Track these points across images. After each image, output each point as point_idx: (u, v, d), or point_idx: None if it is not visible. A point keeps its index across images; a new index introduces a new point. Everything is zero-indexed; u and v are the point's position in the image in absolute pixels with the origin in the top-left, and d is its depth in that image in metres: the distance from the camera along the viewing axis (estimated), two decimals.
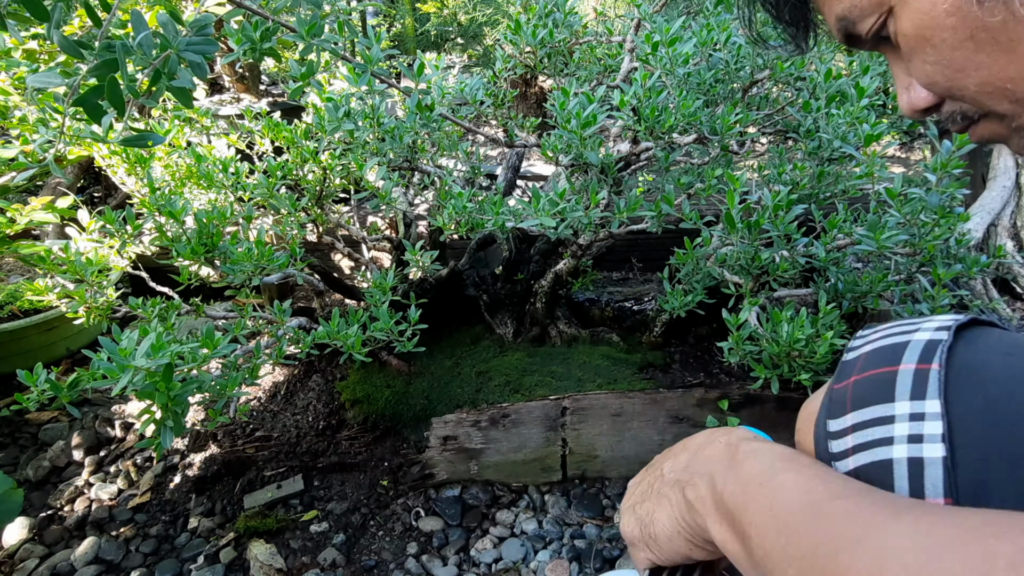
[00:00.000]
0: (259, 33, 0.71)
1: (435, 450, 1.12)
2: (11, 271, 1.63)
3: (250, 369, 0.91)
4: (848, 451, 0.41)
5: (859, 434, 0.41)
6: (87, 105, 0.58)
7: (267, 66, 2.30)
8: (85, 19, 1.17)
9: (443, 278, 1.26)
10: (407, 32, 3.34)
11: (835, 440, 0.43)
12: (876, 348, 0.45)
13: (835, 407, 0.44)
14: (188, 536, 1.08)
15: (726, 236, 0.94)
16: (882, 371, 0.43)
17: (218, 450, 1.20)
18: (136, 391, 0.67)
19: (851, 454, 0.41)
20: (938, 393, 0.39)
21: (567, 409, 1.10)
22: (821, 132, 1.05)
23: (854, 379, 0.44)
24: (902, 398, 0.41)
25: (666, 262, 1.13)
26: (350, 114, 0.99)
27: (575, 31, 1.15)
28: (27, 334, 1.43)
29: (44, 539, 1.09)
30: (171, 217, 0.98)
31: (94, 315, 1.04)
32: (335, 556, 1.03)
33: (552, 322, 1.29)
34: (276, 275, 1.03)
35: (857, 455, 0.41)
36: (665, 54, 0.92)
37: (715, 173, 1.01)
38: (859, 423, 0.42)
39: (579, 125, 0.90)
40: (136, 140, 0.64)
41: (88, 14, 0.59)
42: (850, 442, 0.42)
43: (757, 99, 1.08)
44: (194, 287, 1.12)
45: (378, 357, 1.19)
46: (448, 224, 0.96)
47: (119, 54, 0.55)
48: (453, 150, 1.21)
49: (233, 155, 1.18)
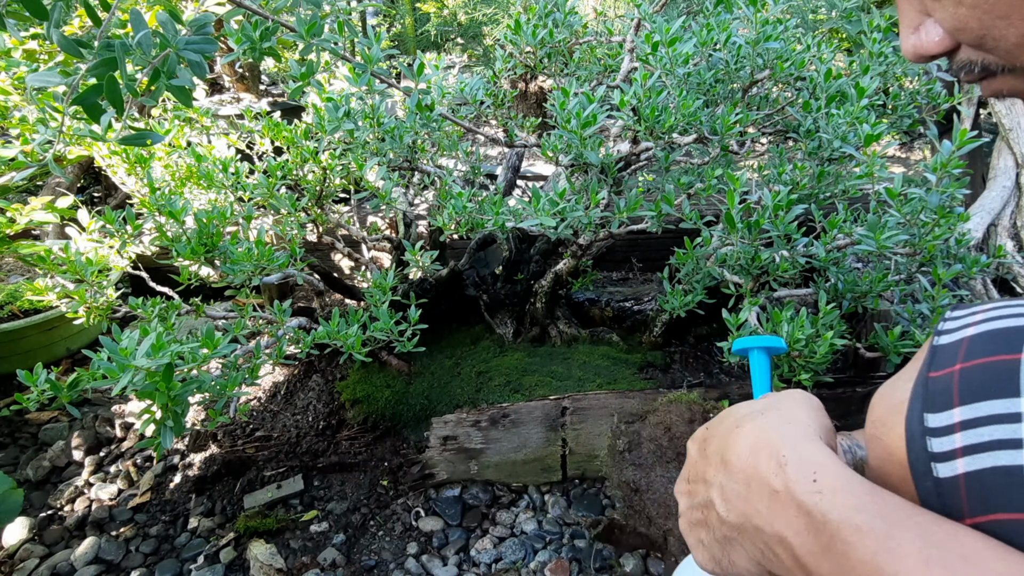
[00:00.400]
0: (259, 33, 0.71)
1: (435, 450, 1.12)
2: (11, 271, 1.63)
3: (250, 369, 0.91)
4: (957, 451, 0.36)
5: (972, 432, 0.35)
6: (86, 104, 0.58)
7: (267, 66, 2.30)
8: (85, 19, 1.17)
9: (443, 278, 1.26)
10: (407, 32, 3.34)
11: (937, 438, 0.36)
12: (985, 332, 0.38)
13: (936, 398, 0.37)
14: (188, 536, 1.08)
15: (726, 236, 0.94)
16: (999, 359, 0.36)
17: (218, 450, 1.20)
18: (136, 391, 0.67)
19: (960, 456, 0.35)
20: None
21: (567, 409, 1.10)
22: (821, 132, 1.05)
23: (960, 367, 0.38)
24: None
25: (666, 262, 1.13)
26: (350, 114, 0.99)
27: (575, 31, 1.15)
28: (27, 334, 1.43)
29: (44, 539, 1.09)
30: (171, 217, 0.98)
31: (94, 315, 1.04)
32: (335, 556, 1.03)
33: (552, 322, 1.29)
34: (276, 275, 1.03)
35: (970, 458, 0.35)
36: (665, 54, 0.92)
37: (715, 173, 1.01)
38: (971, 419, 0.36)
39: (579, 125, 0.90)
40: (135, 139, 0.64)
41: (88, 13, 0.59)
42: (959, 441, 0.36)
43: (757, 99, 1.08)
44: (194, 287, 1.12)
45: (378, 357, 1.19)
46: (448, 224, 0.96)
47: (118, 53, 0.55)
48: (453, 150, 1.21)
49: (233, 155, 1.18)
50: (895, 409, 0.40)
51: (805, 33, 1.03)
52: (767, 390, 0.59)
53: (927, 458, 0.36)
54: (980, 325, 0.39)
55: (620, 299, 1.43)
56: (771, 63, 0.98)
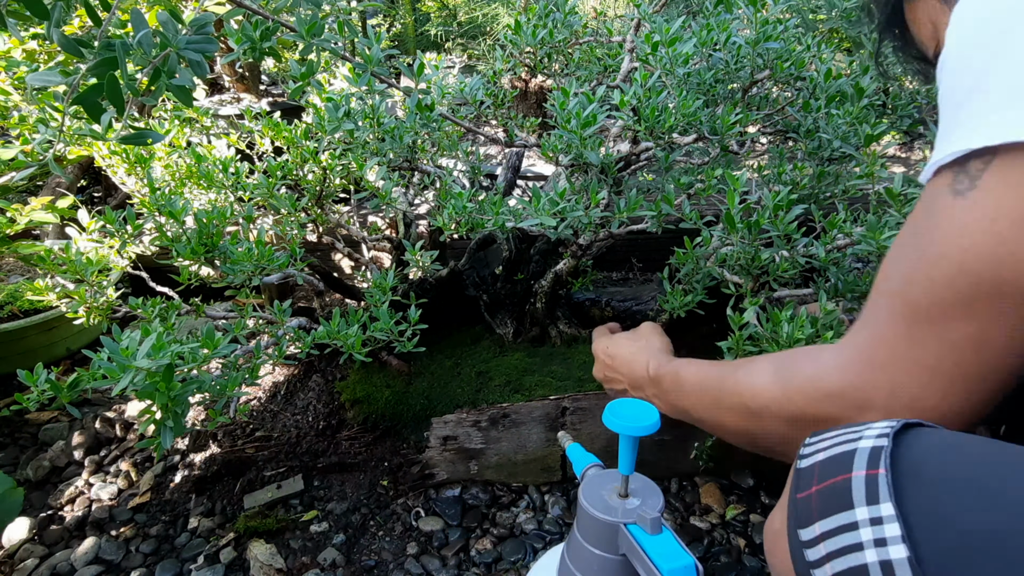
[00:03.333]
0: (259, 33, 0.71)
1: (435, 450, 1.12)
2: (11, 271, 1.63)
3: (250, 369, 0.91)
4: (824, 559, 0.44)
5: (830, 541, 0.44)
6: (87, 104, 0.58)
7: (267, 66, 2.30)
8: (85, 18, 1.17)
9: (443, 278, 1.26)
10: (407, 32, 3.34)
11: (809, 549, 0.45)
12: (828, 458, 0.47)
13: (803, 516, 0.47)
14: (188, 536, 1.08)
15: (726, 236, 0.94)
16: (838, 480, 0.45)
17: (218, 450, 1.20)
18: (136, 391, 0.67)
19: (827, 561, 0.44)
20: (889, 496, 0.42)
21: (567, 409, 1.10)
22: (821, 132, 1.05)
23: (815, 489, 0.47)
24: (860, 504, 0.43)
25: (666, 262, 1.13)
26: (350, 114, 0.99)
27: (575, 31, 1.15)
28: (27, 334, 1.43)
29: (44, 539, 1.09)
30: (171, 217, 0.98)
31: (94, 315, 1.04)
32: (335, 556, 1.03)
33: (552, 322, 1.29)
34: (276, 275, 1.03)
35: (833, 562, 0.43)
36: (665, 54, 0.92)
37: (715, 173, 1.01)
38: (828, 531, 0.44)
39: (579, 125, 0.90)
40: (136, 138, 0.64)
41: (88, 13, 0.59)
42: (823, 550, 0.44)
43: (757, 99, 1.08)
44: (194, 287, 1.12)
45: (378, 357, 1.19)
46: (448, 224, 0.96)
47: (119, 53, 0.55)
48: (453, 150, 1.21)
49: (233, 155, 1.18)
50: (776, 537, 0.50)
51: (805, 33, 1.03)
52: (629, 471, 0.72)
53: (807, 566, 0.45)
54: (826, 451, 0.48)
55: (620, 299, 1.43)
56: (771, 63, 0.98)
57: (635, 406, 0.70)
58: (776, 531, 0.51)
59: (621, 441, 0.70)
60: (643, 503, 0.72)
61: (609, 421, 0.69)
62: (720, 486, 1.15)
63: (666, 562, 0.63)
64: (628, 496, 0.73)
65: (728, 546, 1.05)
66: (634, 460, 0.71)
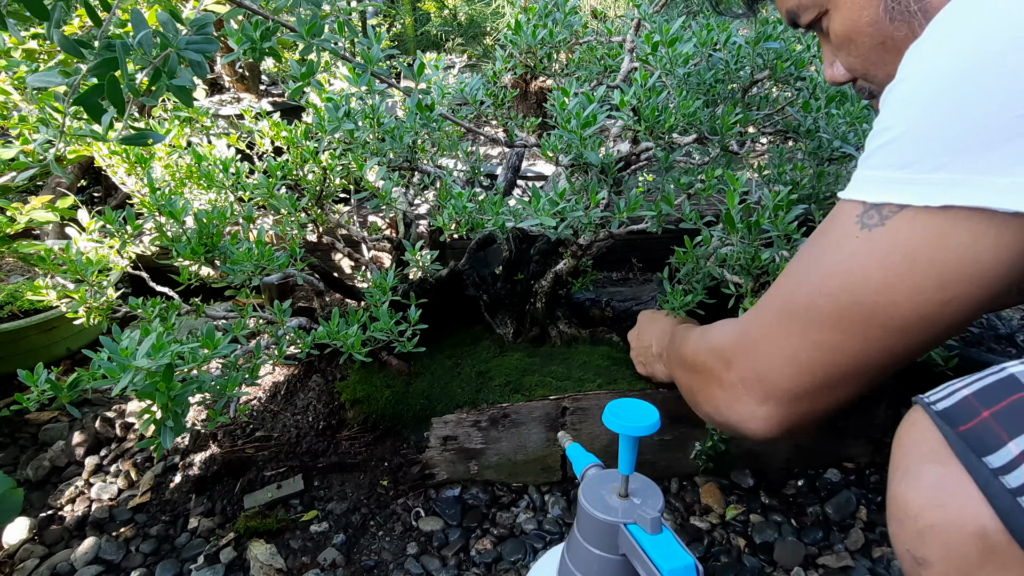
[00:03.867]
0: (259, 33, 0.71)
1: (435, 450, 1.12)
2: (11, 271, 1.63)
3: (250, 369, 0.91)
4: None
5: None
6: (87, 104, 0.58)
7: (267, 66, 2.30)
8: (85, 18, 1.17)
9: (443, 278, 1.26)
10: (407, 32, 3.34)
11: (1009, 474, 0.40)
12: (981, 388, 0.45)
13: (987, 441, 0.42)
14: (188, 536, 1.08)
15: (726, 236, 0.94)
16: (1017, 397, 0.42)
17: (218, 450, 1.20)
18: (136, 391, 0.67)
19: None
20: None
21: (567, 409, 1.10)
22: (821, 132, 1.05)
23: (988, 413, 0.43)
24: None
25: (666, 262, 1.13)
26: (350, 114, 0.99)
27: (575, 31, 1.15)
28: (27, 334, 1.43)
29: (44, 539, 1.09)
30: (171, 217, 0.98)
31: (94, 315, 1.04)
32: (335, 556, 1.03)
33: (552, 322, 1.29)
34: (276, 275, 1.03)
35: None
36: (665, 54, 0.92)
37: (715, 173, 1.01)
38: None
39: (579, 125, 0.90)
40: (136, 139, 0.64)
41: (88, 13, 0.59)
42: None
43: (757, 99, 1.08)
44: (194, 287, 1.12)
45: (378, 357, 1.19)
46: (448, 224, 0.96)
47: (119, 53, 0.55)
48: (453, 150, 1.21)
49: (233, 155, 1.18)
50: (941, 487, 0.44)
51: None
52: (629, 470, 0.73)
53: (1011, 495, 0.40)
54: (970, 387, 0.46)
55: (620, 299, 1.43)
56: (771, 63, 0.98)
57: (635, 406, 0.70)
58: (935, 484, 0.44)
59: (621, 441, 0.70)
60: (643, 503, 0.72)
61: (609, 421, 0.69)
62: (720, 486, 1.15)
63: (666, 562, 0.63)
64: (628, 496, 0.73)
65: (728, 546, 1.05)
66: (634, 460, 0.71)
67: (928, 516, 0.44)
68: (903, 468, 0.47)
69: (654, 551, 0.64)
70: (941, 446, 0.44)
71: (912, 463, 0.46)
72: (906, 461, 0.47)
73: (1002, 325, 1.59)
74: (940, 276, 0.49)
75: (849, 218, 0.53)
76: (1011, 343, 1.55)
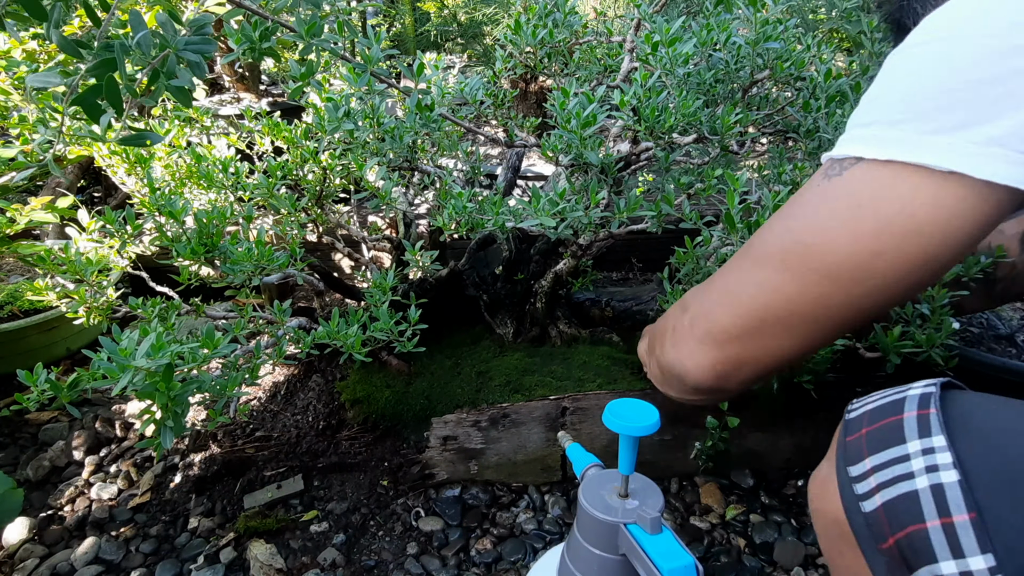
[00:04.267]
0: (258, 33, 0.71)
1: (435, 450, 1.12)
2: (11, 271, 1.63)
3: (250, 369, 0.91)
4: (873, 490, 0.50)
5: (880, 474, 0.49)
6: (86, 105, 0.58)
7: (267, 66, 2.30)
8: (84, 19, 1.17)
9: (443, 278, 1.26)
10: (407, 32, 3.34)
11: (859, 483, 0.51)
12: (877, 406, 0.54)
13: (852, 454, 0.52)
14: (188, 536, 1.08)
15: (726, 236, 0.94)
16: (889, 420, 0.52)
17: (218, 450, 1.20)
18: (136, 391, 0.67)
19: (876, 492, 0.49)
20: (941, 429, 0.48)
21: (567, 409, 1.10)
22: (821, 132, 1.05)
23: (865, 431, 0.53)
24: (912, 438, 0.49)
25: (666, 262, 1.13)
26: (350, 114, 0.99)
27: (575, 31, 1.15)
28: (27, 334, 1.43)
29: (44, 539, 1.09)
30: (171, 217, 0.98)
31: (94, 315, 1.04)
32: (335, 556, 1.03)
33: (552, 322, 1.29)
34: (276, 275, 1.03)
35: (883, 491, 0.49)
36: (665, 54, 0.92)
37: (715, 173, 1.01)
38: (878, 464, 0.50)
39: (579, 125, 0.90)
40: (135, 140, 0.64)
41: (87, 14, 0.59)
42: (873, 482, 0.50)
43: (757, 99, 1.08)
44: (194, 287, 1.12)
45: (378, 357, 1.19)
46: (448, 224, 0.96)
47: (118, 54, 0.55)
48: (453, 150, 1.21)
49: (233, 155, 1.18)
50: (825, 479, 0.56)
51: (805, 33, 1.03)
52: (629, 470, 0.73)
53: (855, 499, 0.51)
54: (874, 403, 0.55)
55: (620, 299, 1.43)
56: (771, 63, 0.98)
57: (635, 406, 0.70)
58: (823, 477, 0.56)
59: (621, 441, 0.70)
60: (643, 503, 0.72)
61: (609, 421, 0.69)
62: (720, 486, 1.15)
63: (666, 562, 0.63)
64: (628, 496, 0.73)
65: (728, 546, 1.05)
66: (634, 460, 0.71)
67: (815, 502, 0.57)
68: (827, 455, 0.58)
69: (654, 551, 0.64)
70: (835, 449, 0.55)
71: (825, 458, 0.58)
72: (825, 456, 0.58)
73: (1002, 325, 1.59)
74: (876, 225, 0.51)
75: (819, 172, 0.57)
76: (1011, 343, 1.55)
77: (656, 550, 0.64)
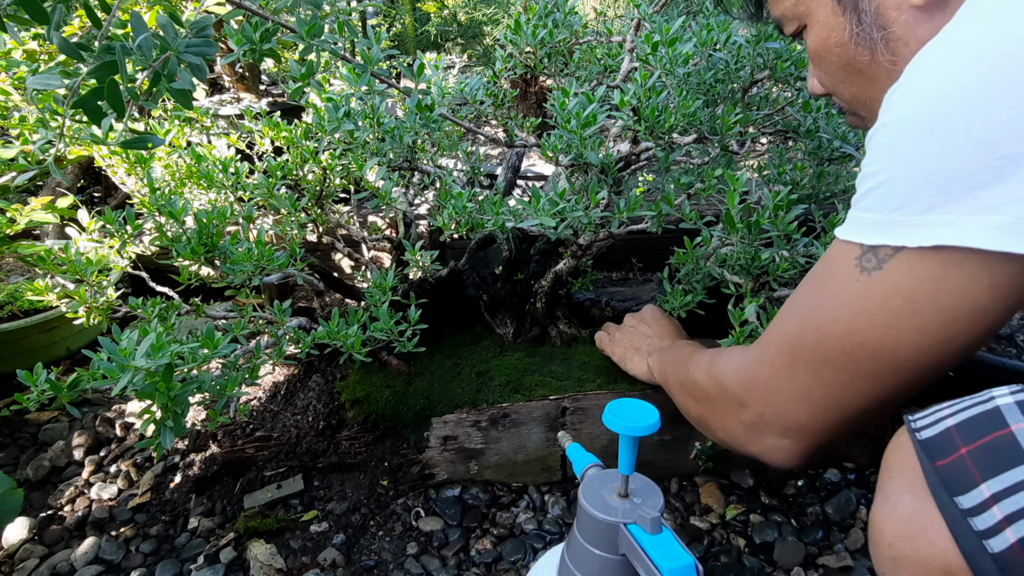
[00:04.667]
0: (259, 33, 0.71)
1: (435, 450, 1.13)
2: (11, 271, 1.63)
3: (250, 369, 0.91)
4: (1001, 523, 0.40)
5: (1007, 502, 0.40)
6: (87, 106, 0.58)
7: (267, 66, 2.30)
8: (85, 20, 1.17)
9: (443, 278, 1.26)
10: (407, 32, 3.34)
11: (977, 517, 0.41)
12: (964, 420, 0.45)
13: (959, 481, 0.43)
14: (188, 536, 1.08)
15: (726, 236, 0.94)
16: (996, 436, 0.43)
17: (218, 450, 1.20)
18: (136, 391, 0.67)
19: (1007, 526, 0.40)
20: None
21: (567, 409, 1.10)
22: (821, 132, 1.05)
23: (965, 450, 0.43)
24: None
25: (666, 262, 1.13)
26: (350, 114, 0.99)
27: (575, 31, 1.15)
28: (27, 334, 1.43)
29: (44, 539, 1.09)
30: (171, 217, 0.98)
31: (94, 315, 1.04)
32: (335, 556, 1.03)
33: (552, 322, 1.29)
34: (276, 275, 1.03)
35: (1017, 524, 0.39)
36: (665, 54, 0.92)
37: (715, 173, 1.01)
38: (1002, 490, 0.41)
39: (579, 125, 0.90)
40: (135, 142, 0.64)
41: (88, 16, 0.59)
42: (997, 514, 0.40)
43: (757, 99, 1.08)
44: (194, 287, 1.12)
45: (378, 357, 1.19)
46: (448, 224, 0.96)
47: (119, 56, 0.55)
48: (453, 150, 1.21)
49: (233, 155, 1.18)
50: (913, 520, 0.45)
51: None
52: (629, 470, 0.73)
53: (976, 538, 0.41)
54: (955, 417, 0.46)
55: (620, 299, 1.43)
56: (771, 63, 0.98)
57: (635, 406, 0.70)
58: (909, 514, 0.46)
59: (621, 441, 0.70)
60: (643, 503, 0.72)
61: (609, 421, 0.69)
62: (720, 486, 1.15)
63: (666, 562, 0.63)
64: (628, 496, 0.73)
65: (728, 546, 1.05)
66: (634, 460, 0.71)
67: (900, 547, 0.46)
68: (884, 492, 0.49)
69: (654, 551, 0.65)
70: (918, 478, 0.46)
71: (892, 490, 0.48)
72: (888, 486, 0.49)
73: None
74: (941, 317, 0.50)
75: (848, 260, 0.55)
76: (1011, 343, 1.55)
77: (656, 550, 0.65)
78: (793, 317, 0.62)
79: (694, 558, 0.63)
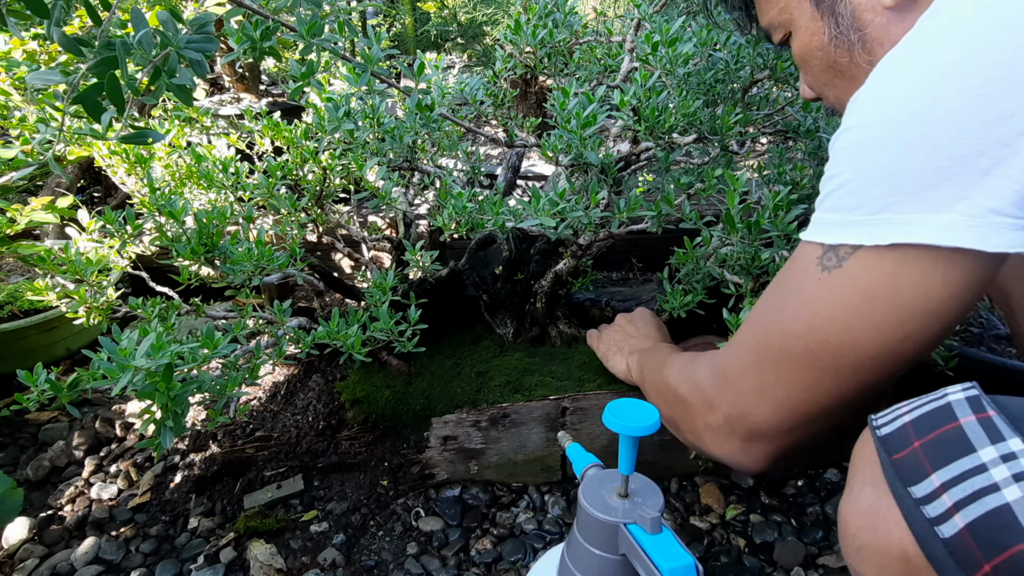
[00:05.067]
0: (259, 32, 0.71)
1: (435, 450, 1.12)
2: (11, 271, 1.63)
3: (250, 369, 0.91)
4: (950, 510, 0.42)
5: (955, 490, 0.42)
6: (87, 103, 0.58)
7: (267, 66, 2.30)
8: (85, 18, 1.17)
9: (443, 278, 1.26)
10: (407, 32, 3.34)
11: (929, 505, 0.43)
12: (919, 416, 0.47)
13: (910, 473, 0.45)
14: (188, 536, 1.08)
15: (726, 236, 0.94)
16: (945, 429, 0.45)
17: (218, 450, 1.20)
18: (136, 391, 0.67)
19: (955, 512, 0.42)
20: (1013, 431, 0.42)
21: (567, 409, 1.10)
22: (821, 132, 1.05)
23: (918, 444, 0.46)
24: (983, 445, 0.42)
25: (666, 262, 1.13)
26: (350, 114, 0.99)
27: (575, 31, 1.15)
28: (27, 334, 1.43)
29: (44, 539, 1.09)
30: (171, 217, 0.98)
31: (94, 315, 1.04)
32: (335, 556, 1.03)
33: (552, 322, 1.29)
34: (276, 275, 1.03)
35: (964, 510, 0.42)
36: (665, 54, 0.92)
37: (715, 173, 1.01)
38: (950, 479, 0.43)
39: (579, 125, 0.90)
40: (136, 137, 0.64)
41: (88, 12, 0.59)
42: (948, 501, 0.42)
43: (757, 99, 1.08)
44: (194, 287, 1.12)
45: (378, 357, 1.19)
46: (448, 224, 0.96)
47: (119, 52, 0.55)
48: (453, 150, 1.21)
49: (233, 155, 1.18)
50: (872, 510, 0.47)
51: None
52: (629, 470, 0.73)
53: (928, 524, 0.43)
54: (910, 414, 0.48)
55: (620, 299, 1.43)
56: (771, 63, 0.98)
57: (635, 406, 0.70)
58: (868, 506, 0.48)
59: (621, 441, 0.70)
60: (643, 503, 0.72)
61: (609, 421, 0.69)
62: (720, 486, 1.15)
63: (666, 562, 0.63)
64: (628, 496, 0.73)
65: (728, 546, 1.05)
66: (634, 460, 0.71)
67: (863, 536, 0.48)
68: (849, 486, 0.51)
69: (654, 551, 0.64)
70: (878, 471, 0.48)
71: (856, 483, 0.50)
72: (852, 481, 0.51)
73: (1001, 325, 1.59)
74: (897, 313, 0.52)
75: (810, 260, 0.57)
76: (1010, 343, 1.55)
77: (656, 550, 0.65)
78: (760, 317, 0.64)
79: (694, 558, 0.63)
